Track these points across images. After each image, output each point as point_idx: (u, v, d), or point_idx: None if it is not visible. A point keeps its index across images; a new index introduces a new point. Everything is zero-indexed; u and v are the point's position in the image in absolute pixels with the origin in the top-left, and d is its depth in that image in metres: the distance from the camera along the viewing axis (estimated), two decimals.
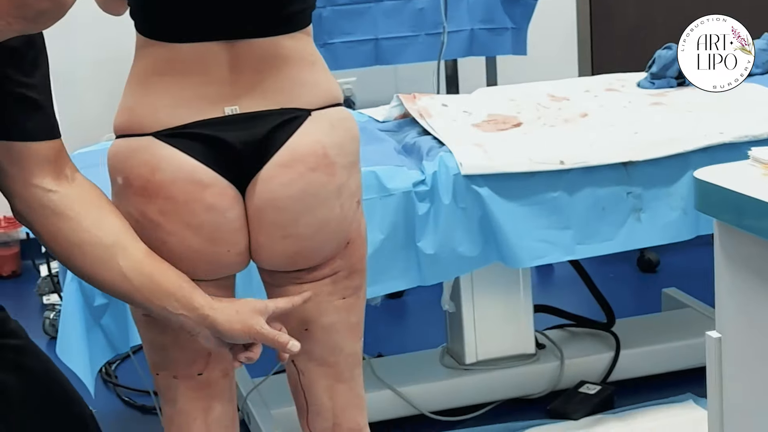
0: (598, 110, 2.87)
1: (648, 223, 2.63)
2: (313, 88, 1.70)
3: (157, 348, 1.78)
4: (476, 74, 4.37)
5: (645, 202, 2.63)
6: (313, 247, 1.73)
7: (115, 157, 1.70)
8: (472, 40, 4.11)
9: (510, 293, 2.94)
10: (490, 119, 2.84)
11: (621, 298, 3.49)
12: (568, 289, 3.50)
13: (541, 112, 2.89)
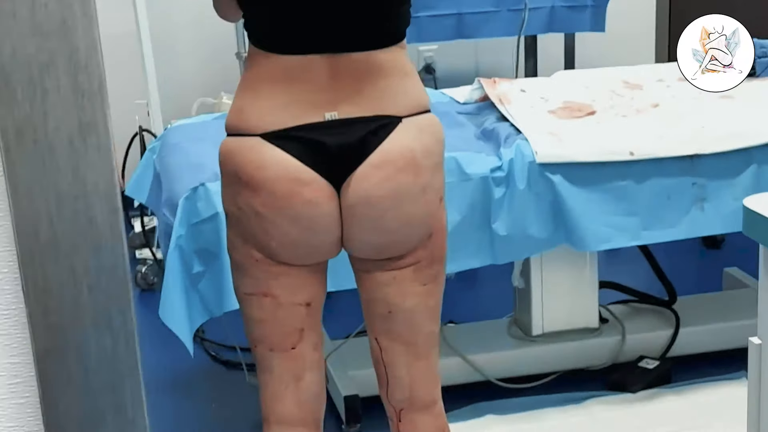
0: (670, 101, 3.00)
1: (711, 212, 2.78)
2: (404, 97, 1.88)
3: (257, 323, 1.98)
4: (555, 49, 4.48)
5: (708, 192, 2.77)
6: (399, 239, 1.92)
7: (226, 153, 1.90)
8: (552, 17, 4.22)
9: (576, 270, 3.10)
10: (565, 106, 2.99)
11: (683, 275, 3.62)
12: (632, 267, 3.63)
13: (615, 100, 3.03)
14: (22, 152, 0.85)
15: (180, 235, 2.53)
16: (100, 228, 0.86)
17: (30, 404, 0.95)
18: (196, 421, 3.11)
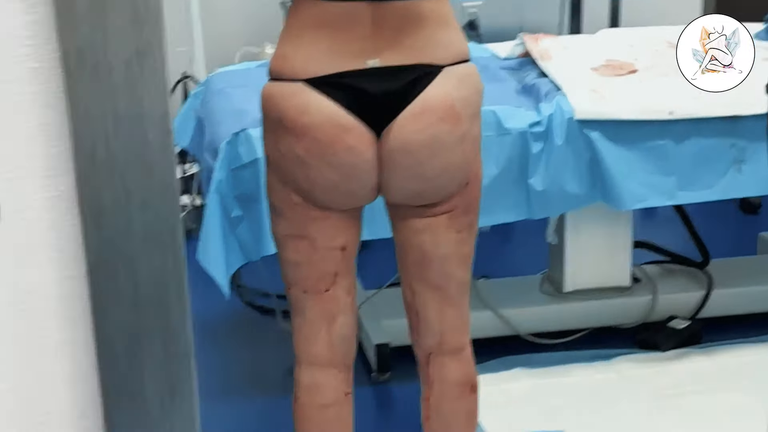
0: None
1: (748, 174, 2.78)
2: (446, 47, 1.90)
3: (292, 265, 2.02)
4: (600, 8, 4.46)
5: (747, 154, 2.77)
6: (435, 186, 1.95)
7: (269, 98, 1.93)
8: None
9: (611, 229, 3.12)
10: (608, 64, 2.99)
11: (719, 239, 3.63)
12: (668, 228, 3.64)
13: (657, 59, 3.03)
14: (83, 75, 0.88)
15: (220, 179, 2.58)
16: (153, 149, 0.90)
17: (81, 318, 1.00)
18: (229, 364, 3.17)
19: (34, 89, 0.93)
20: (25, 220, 0.97)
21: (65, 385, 1.02)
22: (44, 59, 0.91)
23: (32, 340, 1.01)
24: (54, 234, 0.97)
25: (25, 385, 1.03)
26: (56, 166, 0.96)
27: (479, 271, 3.31)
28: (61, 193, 0.96)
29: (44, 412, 1.05)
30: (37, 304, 1.00)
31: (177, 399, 0.98)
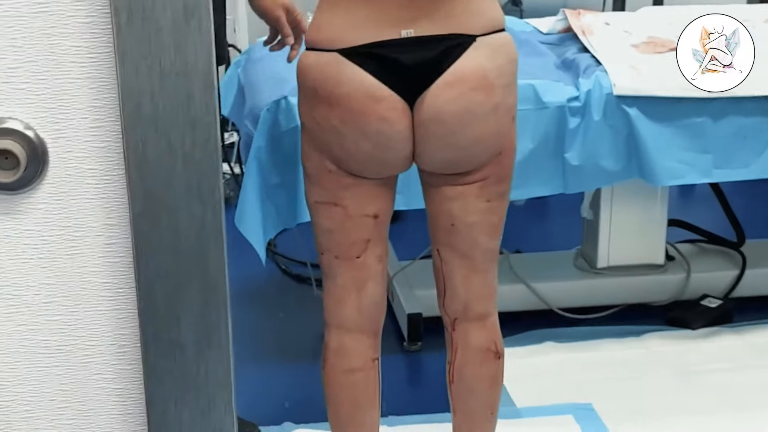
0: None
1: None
2: (479, 17, 1.92)
3: (325, 232, 2.06)
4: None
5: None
6: (468, 155, 1.98)
7: (305, 67, 1.96)
8: None
9: (646, 206, 3.13)
10: (649, 41, 2.99)
11: (755, 220, 3.63)
12: (704, 207, 3.65)
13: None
14: (131, 30, 0.92)
15: (260, 146, 2.61)
16: (197, 104, 0.94)
17: (123, 264, 1.04)
18: (263, 330, 3.23)
19: (86, 43, 0.97)
20: (72, 168, 1.02)
21: (106, 326, 1.07)
22: (96, 14, 0.95)
23: (76, 282, 1.05)
24: (99, 182, 1.02)
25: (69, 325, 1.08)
26: (103, 117, 1.00)
27: (512, 245, 3.37)
28: (107, 144, 1.00)
29: (85, 354, 1.09)
30: (82, 249, 1.04)
31: (213, 345, 1.02)
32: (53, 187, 1.02)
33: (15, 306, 1.07)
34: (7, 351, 1.09)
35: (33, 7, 0.97)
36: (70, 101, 0.99)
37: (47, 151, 1.01)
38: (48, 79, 0.99)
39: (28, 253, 1.05)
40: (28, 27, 0.97)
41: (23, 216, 1.03)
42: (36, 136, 1.00)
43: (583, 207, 3.14)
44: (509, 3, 4.63)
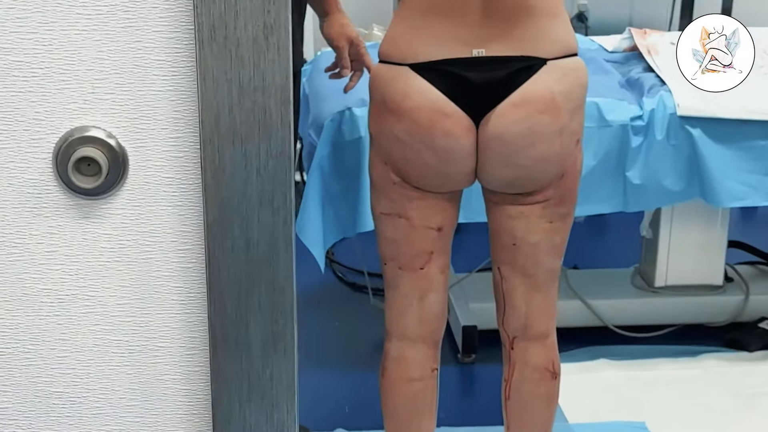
0: None
1: None
2: (552, 40, 1.94)
3: (390, 242, 2.10)
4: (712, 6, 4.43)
5: None
6: (530, 176, 2.00)
7: (376, 79, 2.00)
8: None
9: (707, 227, 3.13)
10: None
11: None
12: (765, 229, 3.63)
13: (765, 60, 3.01)
14: (213, 46, 0.97)
15: (323, 155, 2.65)
16: (273, 118, 0.98)
17: (196, 269, 1.08)
18: (319, 336, 3.26)
19: (169, 57, 1.01)
20: (150, 176, 1.06)
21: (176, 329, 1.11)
22: (180, 30, 1.00)
23: (150, 285, 1.10)
24: (175, 191, 1.06)
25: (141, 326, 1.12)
26: (182, 128, 1.04)
27: (571, 260, 3.36)
28: (185, 153, 1.04)
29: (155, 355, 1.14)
30: (157, 253, 1.09)
31: (279, 349, 1.06)
32: (132, 194, 1.07)
33: (91, 306, 1.12)
34: (82, 348, 1.14)
35: (120, 21, 1.01)
36: (152, 112, 1.04)
37: (128, 159, 1.05)
38: (131, 90, 1.03)
39: (106, 255, 1.10)
40: (115, 40, 1.02)
41: (102, 220, 1.08)
42: (118, 144, 1.04)
43: (642, 225, 3.14)
44: (575, 19, 4.63)
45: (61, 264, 1.10)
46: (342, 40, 2.41)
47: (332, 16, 2.44)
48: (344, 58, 2.41)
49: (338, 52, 2.42)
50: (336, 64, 2.45)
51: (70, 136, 1.04)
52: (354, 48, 2.41)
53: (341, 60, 2.42)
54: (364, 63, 2.40)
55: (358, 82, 2.44)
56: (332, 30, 2.43)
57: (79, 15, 1.01)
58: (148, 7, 1.00)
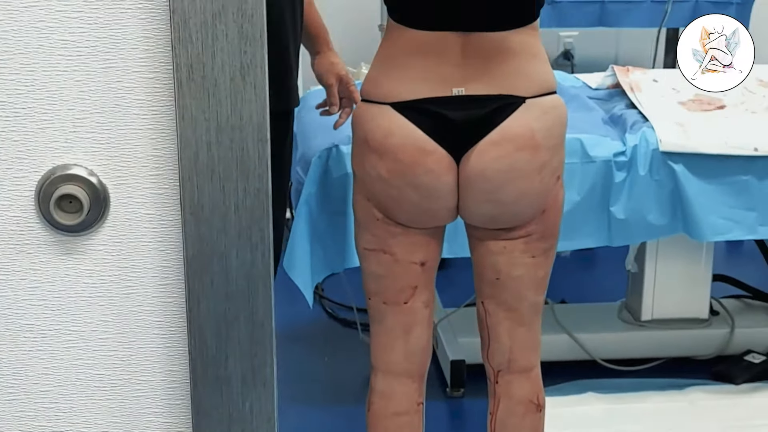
0: None
1: None
2: (531, 79, 1.97)
3: (374, 277, 2.12)
4: None
5: None
6: (511, 212, 2.02)
7: (359, 117, 2.03)
8: (695, 11, 4.20)
9: (692, 260, 3.15)
10: (696, 99, 3.03)
11: None
12: (749, 262, 3.66)
13: (746, 97, 3.06)
14: (191, 86, 0.99)
15: (310, 191, 2.68)
16: (251, 155, 1.01)
17: (176, 304, 1.11)
18: (309, 372, 3.27)
19: (148, 97, 1.04)
20: (131, 213, 1.09)
21: (157, 363, 1.13)
22: (159, 71, 1.03)
23: (131, 320, 1.12)
24: (156, 227, 1.08)
25: (123, 361, 1.14)
26: (162, 166, 1.07)
27: (557, 295, 3.39)
28: (165, 190, 1.07)
29: (137, 389, 1.16)
30: (138, 288, 1.11)
31: (258, 382, 1.08)
32: (113, 230, 1.09)
33: (73, 340, 1.14)
34: (64, 383, 1.16)
35: (101, 62, 1.04)
36: (132, 150, 1.06)
37: (109, 197, 1.08)
38: (112, 129, 1.06)
39: (88, 291, 1.12)
40: (96, 81, 1.05)
41: (84, 257, 1.10)
42: (99, 182, 1.07)
43: (627, 260, 3.16)
44: (561, 56, 4.68)
45: (44, 299, 1.12)
46: (332, 77, 2.45)
47: (323, 54, 2.49)
48: (333, 96, 2.45)
49: (328, 89, 2.46)
50: (326, 102, 2.49)
51: (52, 174, 1.06)
52: (343, 85, 2.46)
53: (331, 97, 2.46)
54: (353, 100, 2.44)
55: (347, 119, 2.47)
56: (322, 67, 2.47)
57: (61, 56, 1.04)
58: (128, 48, 1.03)
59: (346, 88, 2.45)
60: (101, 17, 1.03)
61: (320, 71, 2.47)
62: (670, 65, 4.45)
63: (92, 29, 1.03)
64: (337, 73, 2.45)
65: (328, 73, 2.45)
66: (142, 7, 1.01)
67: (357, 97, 2.43)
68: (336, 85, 2.45)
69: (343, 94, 2.46)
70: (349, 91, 2.45)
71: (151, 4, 1.01)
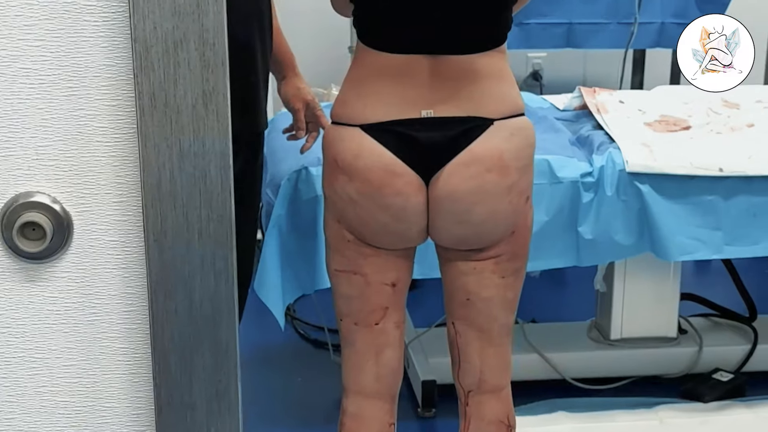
0: (765, 122, 3.05)
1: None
2: (499, 101, 1.99)
3: (345, 299, 2.12)
4: (662, 65, 4.52)
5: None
6: (480, 233, 2.04)
7: (328, 139, 2.05)
8: (661, 33, 4.26)
9: (660, 280, 3.17)
10: (662, 120, 3.07)
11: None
12: (717, 281, 3.69)
13: (711, 117, 3.09)
14: (154, 114, 1.00)
15: (280, 213, 2.68)
16: (213, 182, 1.01)
17: (140, 330, 1.11)
18: (281, 394, 3.27)
19: (111, 124, 1.05)
20: (95, 240, 1.09)
21: (122, 390, 1.13)
22: (121, 98, 1.03)
23: (95, 347, 1.12)
24: (119, 254, 1.09)
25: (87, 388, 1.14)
26: (125, 193, 1.07)
27: (527, 314, 3.41)
28: (128, 217, 1.07)
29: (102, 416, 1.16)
30: (102, 315, 1.11)
31: (223, 406, 1.08)
32: (76, 257, 1.09)
33: (37, 368, 1.14)
34: (29, 410, 1.15)
35: (63, 90, 1.05)
36: (95, 177, 1.07)
37: (72, 224, 1.08)
38: (75, 156, 1.06)
39: (51, 318, 1.12)
40: (58, 108, 1.05)
41: (48, 284, 1.10)
42: (62, 209, 1.07)
43: (596, 279, 3.18)
44: (530, 77, 4.71)
45: (7, 327, 1.12)
46: (298, 102, 2.47)
47: (289, 79, 2.50)
48: (300, 120, 2.47)
49: (294, 114, 2.48)
50: (293, 126, 2.50)
51: (15, 202, 1.07)
52: (310, 110, 2.48)
53: (297, 122, 2.48)
54: (320, 124, 2.46)
55: (314, 143, 2.49)
56: (289, 93, 2.49)
57: (23, 84, 1.05)
58: (90, 76, 1.03)
59: (312, 113, 2.48)
60: (63, 46, 1.04)
61: (287, 96, 2.49)
62: (637, 86, 4.50)
63: (54, 58, 1.04)
64: (303, 98, 2.47)
65: (295, 98, 2.48)
66: (104, 35, 1.02)
67: (324, 121, 2.44)
68: (303, 110, 2.47)
69: (310, 119, 2.48)
70: (316, 116, 2.47)
71: (113, 33, 1.01)
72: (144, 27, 0.97)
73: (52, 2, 1.03)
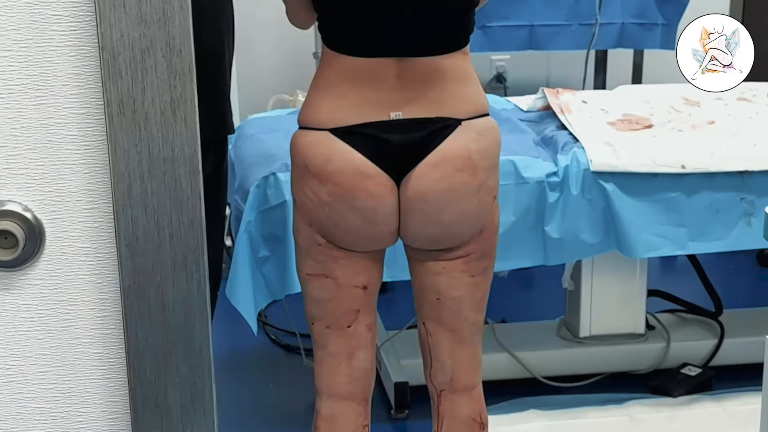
0: (726, 119, 3.10)
1: (757, 227, 2.87)
2: (465, 101, 2.02)
3: (316, 302, 2.14)
4: (623, 65, 4.57)
5: (757, 208, 2.87)
6: (451, 233, 2.06)
7: (297, 145, 2.06)
8: (622, 33, 4.31)
9: (626, 277, 3.21)
10: (624, 119, 3.11)
11: (735, 290, 3.72)
12: (684, 277, 3.73)
13: (673, 115, 3.14)
14: (122, 120, 1.02)
15: (249, 220, 2.70)
16: (183, 187, 1.03)
17: (114, 335, 1.12)
18: (253, 399, 3.27)
19: (80, 132, 1.06)
20: (67, 247, 1.10)
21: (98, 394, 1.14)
22: (90, 106, 1.05)
23: (70, 353, 1.13)
24: (91, 260, 1.10)
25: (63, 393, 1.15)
26: (96, 200, 1.09)
27: (497, 314, 3.43)
28: (99, 223, 1.08)
29: (78, 421, 1.17)
30: (75, 321, 1.12)
31: (198, 408, 1.10)
32: (49, 265, 1.11)
33: (12, 375, 1.15)
34: (5, 417, 1.16)
35: (32, 99, 1.06)
36: (66, 185, 1.08)
37: (44, 231, 1.09)
38: (45, 164, 1.08)
39: (25, 325, 1.13)
40: (27, 117, 1.07)
41: (21, 291, 1.12)
42: (34, 217, 1.08)
43: (564, 278, 3.22)
44: (494, 80, 4.75)
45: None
46: None
47: None
48: None
49: None
50: None
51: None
52: None
53: None
54: None
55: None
56: None
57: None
58: (59, 85, 1.05)
59: None
60: (31, 55, 1.05)
61: None
62: (599, 86, 4.55)
63: (22, 67, 1.05)
64: None
65: None
66: (72, 44, 1.03)
67: None
68: None
69: None
70: None
71: (81, 41, 1.03)
72: (111, 35, 0.99)
73: (19, 12, 1.04)
